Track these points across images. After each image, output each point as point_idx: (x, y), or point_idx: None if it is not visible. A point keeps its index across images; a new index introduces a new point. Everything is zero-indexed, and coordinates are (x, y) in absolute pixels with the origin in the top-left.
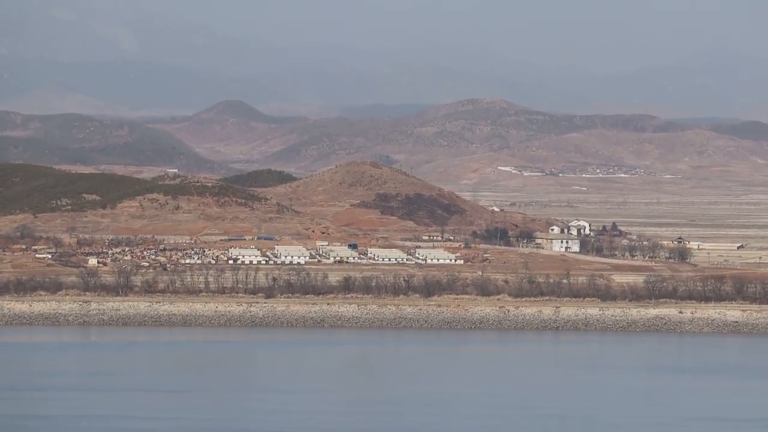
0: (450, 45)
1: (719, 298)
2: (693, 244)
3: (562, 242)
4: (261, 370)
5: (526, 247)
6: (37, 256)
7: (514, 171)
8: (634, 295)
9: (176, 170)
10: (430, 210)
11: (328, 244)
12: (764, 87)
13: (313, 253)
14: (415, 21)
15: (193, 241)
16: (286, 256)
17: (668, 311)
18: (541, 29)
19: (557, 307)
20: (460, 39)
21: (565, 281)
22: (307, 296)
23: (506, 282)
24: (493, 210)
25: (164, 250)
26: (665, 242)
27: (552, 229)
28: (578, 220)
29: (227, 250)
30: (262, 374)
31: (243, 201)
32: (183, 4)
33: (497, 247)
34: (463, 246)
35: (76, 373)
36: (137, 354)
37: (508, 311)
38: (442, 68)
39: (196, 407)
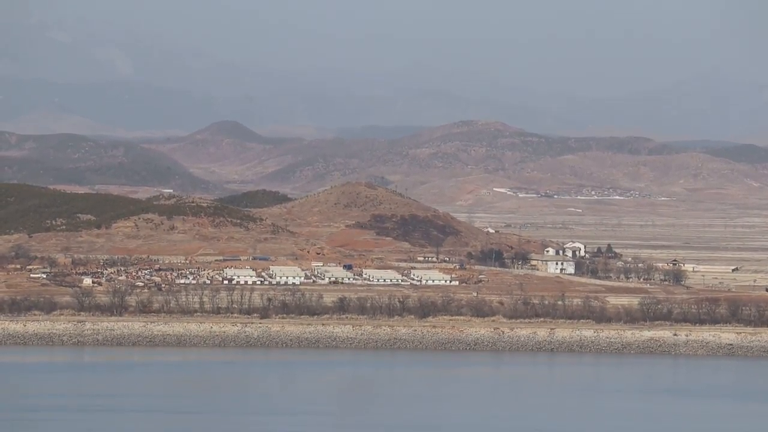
0: (446, 69)
1: (714, 320)
2: (688, 267)
3: (557, 264)
4: (255, 391)
5: (521, 268)
6: (31, 275)
7: (509, 192)
8: (629, 317)
9: (171, 190)
10: (425, 231)
11: (323, 265)
12: (758, 113)
13: (308, 274)
14: (411, 45)
15: (188, 262)
16: (281, 277)
17: (663, 333)
18: (536, 55)
19: (552, 329)
20: (456, 64)
21: (560, 303)
22: (302, 317)
23: (501, 303)
24: (488, 231)
25: (159, 270)
26: (660, 264)
27: (547, 251)
28: (573, 242)
29: (222, 270)
30: (257, 395)
31: (238, 221)
32: (178, 28)
33: (492, 268)
34: (458, 267)
35: (70, 393)
36: (132, 374)
37: (503, 333)
38: (437, 92)
39: (191, 429)
